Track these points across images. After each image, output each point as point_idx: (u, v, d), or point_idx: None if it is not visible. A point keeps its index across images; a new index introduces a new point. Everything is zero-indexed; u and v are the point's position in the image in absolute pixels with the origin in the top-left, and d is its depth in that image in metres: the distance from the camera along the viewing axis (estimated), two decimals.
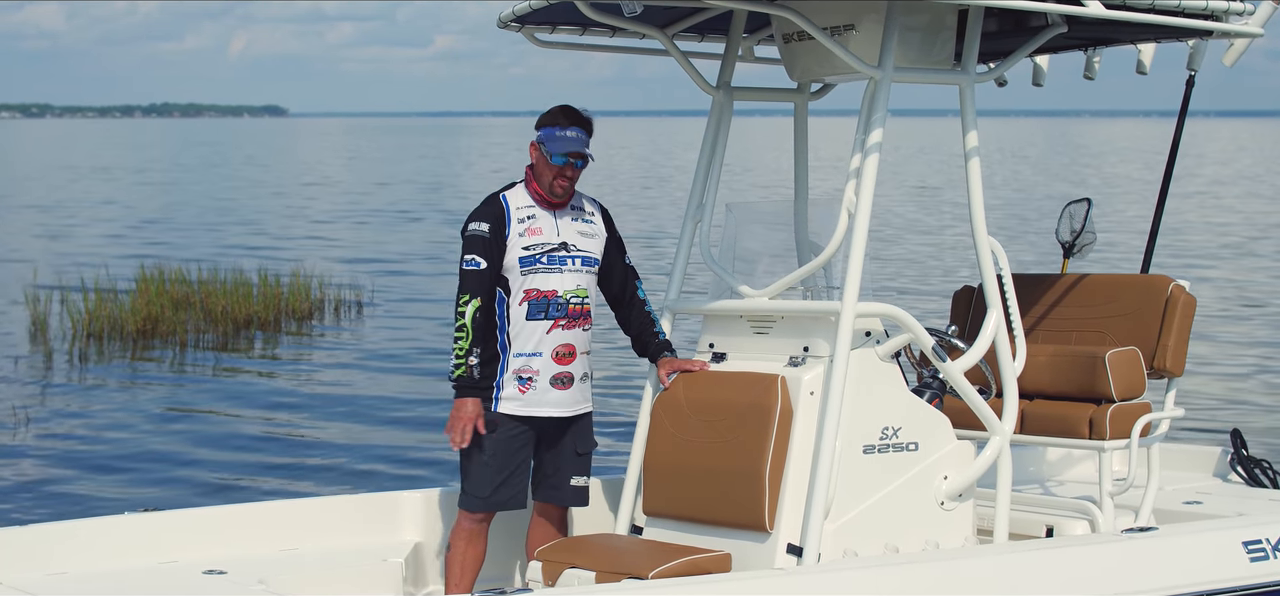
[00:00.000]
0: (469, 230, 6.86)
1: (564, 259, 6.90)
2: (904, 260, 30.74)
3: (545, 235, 6.89)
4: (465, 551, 6.95)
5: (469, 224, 6.87)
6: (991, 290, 6.85)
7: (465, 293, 6.82)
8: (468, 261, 6.83)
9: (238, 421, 16.11)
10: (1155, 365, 7.60)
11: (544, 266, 6.86)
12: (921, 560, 6.50)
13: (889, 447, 6.63)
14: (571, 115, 6.92)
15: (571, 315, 6.91)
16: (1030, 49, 7.16)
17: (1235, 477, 8.60)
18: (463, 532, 6.97)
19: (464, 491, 6.97)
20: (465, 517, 6.96)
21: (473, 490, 6.93)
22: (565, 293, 6.89)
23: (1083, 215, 8.24)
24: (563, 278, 6.89)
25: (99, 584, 6.50)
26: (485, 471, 6.90)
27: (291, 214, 47.86)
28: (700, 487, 6.73)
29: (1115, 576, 6.56)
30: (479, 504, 6.93)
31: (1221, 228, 39.54)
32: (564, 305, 6.89)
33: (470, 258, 6.83)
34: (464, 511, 6.97)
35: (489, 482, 6.91)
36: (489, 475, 6.90)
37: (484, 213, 6.88)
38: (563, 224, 6.94)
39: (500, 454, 6.90)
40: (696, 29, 7.47)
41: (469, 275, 6.82)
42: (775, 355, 6.72)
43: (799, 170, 7.59)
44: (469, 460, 6.92)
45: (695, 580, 6.20)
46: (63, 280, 23.76)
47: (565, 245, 6.92)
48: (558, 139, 6.87)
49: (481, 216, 6.87)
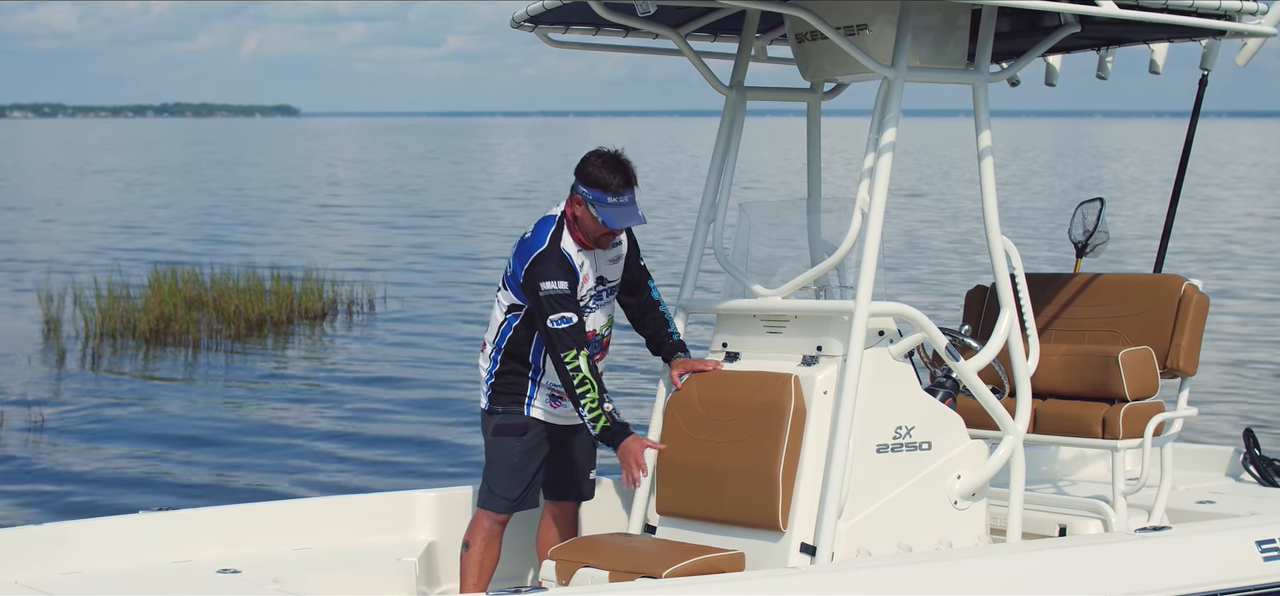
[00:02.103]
0: (549, 290, 6.64)
1: (600, 296, 6.91)
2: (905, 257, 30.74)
3: (590, 281, 6.85)
4: (484, 552, 6.96)
5: (544, 282, 6.64)
6: (1005, 289, 6.85)
7: (569, 349, 6.61)
8: (559, 320, 6.61)
9: (251, 420, 16.12)
10: (1168, 365, 7.60)
11: (588, 309, 6.85)
12: (934, 559, 6.50)
13: (902, 447, 6.63)
14: (624, 175, 6.71)
15: (603, 347, 6.96)
16: (1043, 48, 7.15)
17: (1248, 477, 8.59)
18: (482, 532, 6.97)
19: (489, 492, 6.96)
20: (487, 517, 6.97)
21: (501, 491, 6.94)
22: (600, 329, 6.92)
23: (1095, 215, 8.23)
24: (597, 316, 6.90)
25: (113, 583, 6.51)
26: (515, 474, 6.92)
27: (304, 213, 47.88)
28: (714, 487, 6.74)
29: (1128, 576, 6.56)
30: (505, 504, 6.95)
31: None
32: (599, 341, 6.93)
33: (561, 316, 6.61)
34: (487, 511, 6.97)
35: (518, 484, 6.93)
36: (518, 477, 6.93)
37: (558, 271, 6.67)
38: (601, 261, 6.89)
39: (530, 457, 6.94)
40: (709, 29, 7.47)
41: (565, 333, 6.61)
42: (789, 354, 6.72)
43: (812, 169, 7.59)
44: (499, 462, 6.93)
45: (709, 579, 6.21)
46: (76, 280, 23.78)
47: (602, 279, 6.90)
48: (612, 209, 6.69)
49: (557, 275, 6.66)
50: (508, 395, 6.94)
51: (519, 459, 6.92)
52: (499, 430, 6.96)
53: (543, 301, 6.66)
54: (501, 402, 6.95)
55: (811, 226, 7.40)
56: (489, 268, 31.04)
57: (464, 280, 28.88)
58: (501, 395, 6.95)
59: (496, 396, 6.97)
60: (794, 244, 7.36)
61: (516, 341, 6.89)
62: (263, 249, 33.65)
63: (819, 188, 7.55)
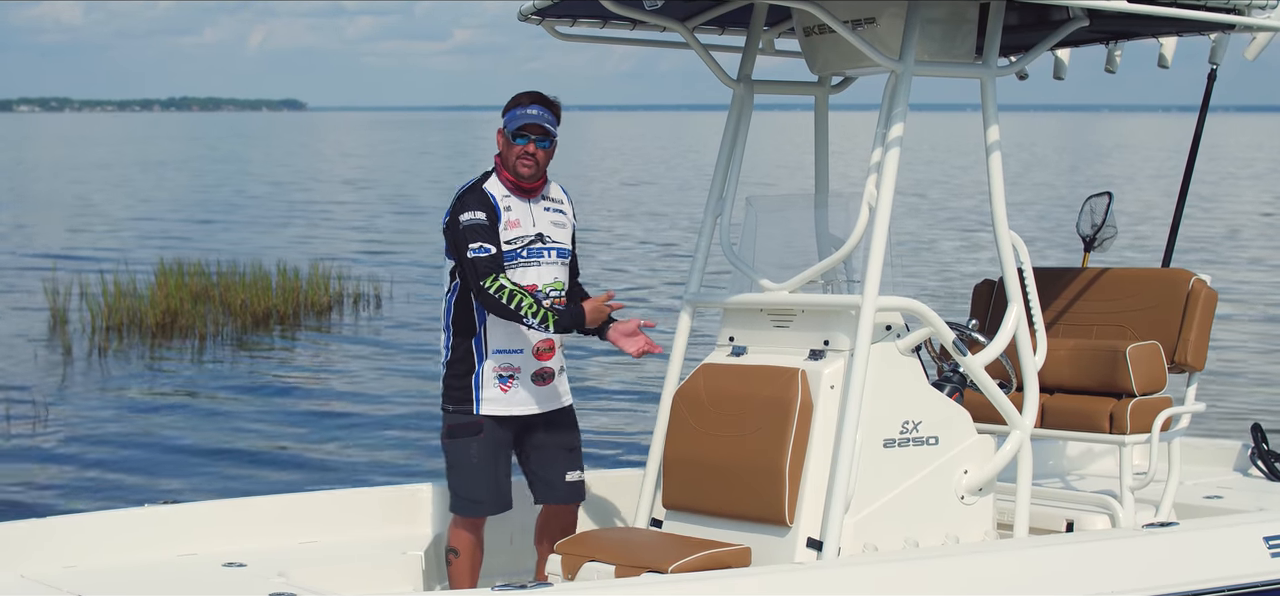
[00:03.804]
0: (466, 221, 6.66)
1: (541, 251, 6.82)
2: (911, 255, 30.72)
3: (522, 228, 6.79)
4: (473, 557, 6.86)
5: (462, 214, 6.68)
6: (1012, 284, 6.83)
7: (488, 275, 6.59)
8: (476, 248, 6.62)
9: (256, 414, 16.13)
10: (1176, 360, 7.58)
11: (523, 260, 6.77)
12: (941, 555, 6.48)
13: (909, 442, 6.61)
14: (534, 95, 6.84)
15: (554, 314, 6.75)
16: (1052, 42, 7.12)
17: (1256, 472, 8.58)
18: (465, 540, 6.84)
19: (460, 498, 6.84)
20: (464, 524, 6.86)
21: (467, 494, 6.83)
22: (544, 286, 6.82)
23: (1104, 209, 8.21)
24: (541, 271, 6.81)
25: (118, 576, 6.51)
26: (478, 475, 6.80)
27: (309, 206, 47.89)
28: (720, 481, 6.72)
29: (1135, 572, 6.55)
30: (477, 508, 6.84)
31: None
32: (544, 299, 6.80)
33: (480, 246, 6.63)
34: (463, 518, 6.86)
35: (483, 486, 6.81)
36: (481, 479, 6.81)
37: (475, 202, 6.72)
38: (537, 214, 6.84)
39: (489, 457, 6.81)
40: (717, 22, 7.45)
41: (484, 261, 6.61)
42: (795, 348, 6.70)
43: (819, 163, 7.57)
44: (459, 467, 6.82)
45: (715, 574, 6.19)
46: (82, 273, 23.79)
47: (541, 236, 6.83)
48: (517, 116, 6.78)
49: (473, 205, 6.71)
50: (458, 389, 6.79)
51: (477, 459, 6.78)
52: (452, 432, 6.83)
53: (461, 235, 6.63)
54: (453, 401, 6.81)
55: (819, 220, 7.38)
56: None
57: None
58: (453, 391, 6.81)
59: (448, 393, 6.83)
60: (801, 238, 7.34)
61: (461, 312, 6.76)
62: (269, 243, 33.65)
63: (826, 181, 7.53)
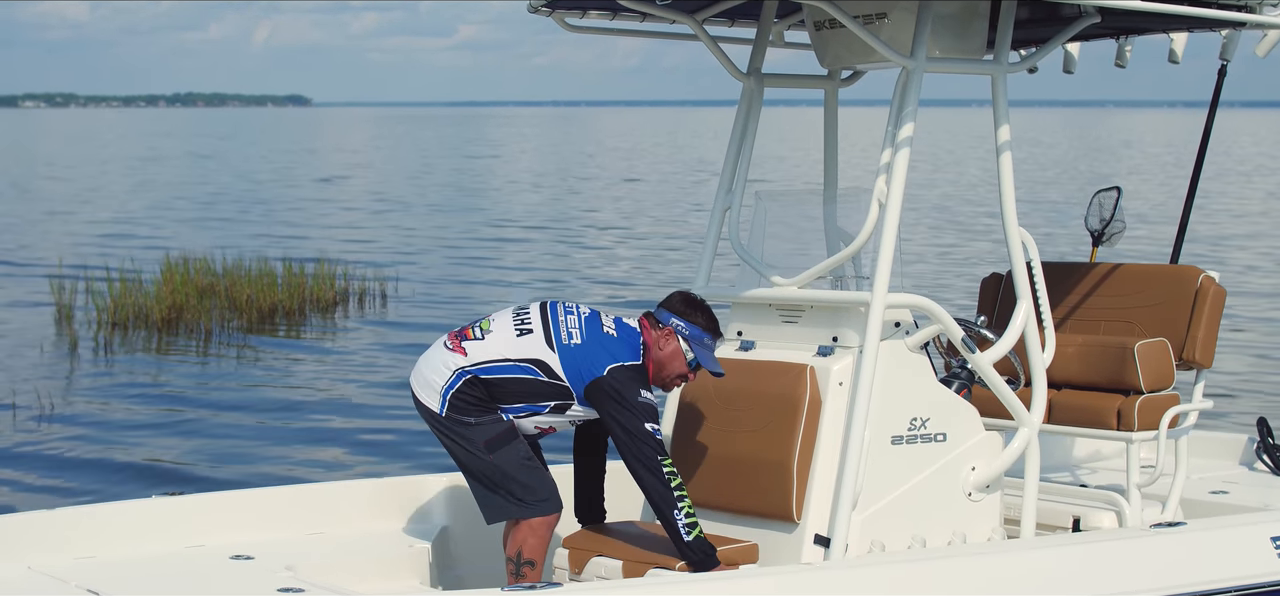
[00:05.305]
0: (646, 400, 6.50)
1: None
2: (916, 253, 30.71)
3: None
4: (545, 560, 6.69)
5: (643, 392, 6.51)
6: (1021, 280, 6.82)
7: (666, 456, 6.45)
8: (655, 429, 6.47)
9: (262, 408, 16.13)
10: (1184, 356, 7.57)
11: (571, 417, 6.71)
12: (948, 554, 6.48)
13: (917, 438, 6.61)
14: (716, 325, 6.70)
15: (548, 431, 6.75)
16: (1064, 38, 7.10)
17: (1261, 466, 8.58)
18: (542, 544, 6.62)
19: (539, 498, 6.60)
20: (540, 527, 6.60)
21: (545, 491, 6.63)
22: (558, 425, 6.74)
23: (1112, 204, 8.20)
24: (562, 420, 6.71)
25: (126, 568, 6.50)
26: (538, 471, 6.66)
27: (314, 201, 47.90)
28: (728, 477, 6.72)
29: (1143, 572, 6.54)
30: (557, 500, 6.65)
31: None
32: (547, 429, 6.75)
33: (656, 427, 6.48)
34: (551, 516, 6.62)
35: (546, 481, 6.66)
36: (542, 474, 6.67)
37: (645, 383, 6.57)
38: None
39: (533, 453, 6.71)
40: (727, 14, 7.42)
41: (661, 442, 6.49)
42: (804, 344, 6.70)
43: (829, 158, 7.56)
44: (522, 469, 6.59)
45: (723, 573, 6.19)
46: (88, 268, 23.80)
47: None
48: (707, 350, 6.64)
49: (645, 384, 6.56)
50: (477, 405, 6.58)
51: (527, 456, 6.63)
52: (493, 444, 6.58)
53: (639, 408, 6.45)
54: (472, 414, 6.58)
55: (828, 216, 7.37)
56: (500, 258, 31.06)
57: (475, 270, 28.87)
58: (469, 406, 6.58)
59: (463, 407, 6.58)
60: (810, 233, 7.33)
61: (508, 386, 6.56)
62: (274, 238, 33.67)
63: (835, 176, 7.51)
